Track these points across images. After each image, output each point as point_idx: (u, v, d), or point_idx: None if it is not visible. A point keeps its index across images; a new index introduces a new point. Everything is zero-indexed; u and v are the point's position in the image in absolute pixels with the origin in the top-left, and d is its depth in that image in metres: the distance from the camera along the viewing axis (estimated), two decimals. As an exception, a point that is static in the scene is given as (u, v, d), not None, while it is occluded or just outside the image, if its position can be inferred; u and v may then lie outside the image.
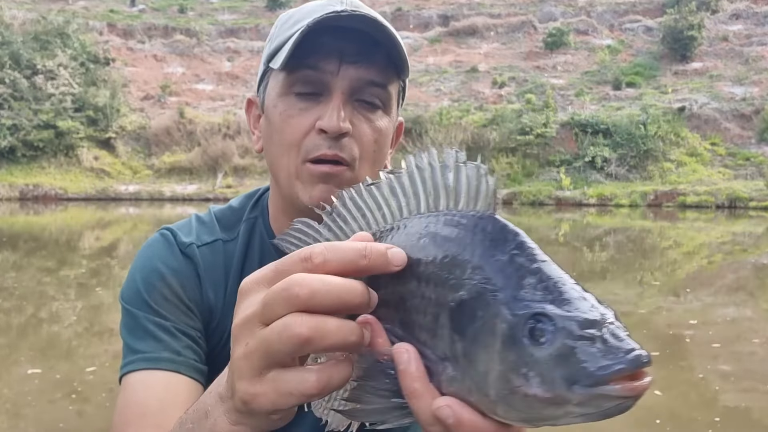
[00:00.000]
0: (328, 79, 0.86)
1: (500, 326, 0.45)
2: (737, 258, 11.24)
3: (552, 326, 0.44)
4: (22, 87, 27.14)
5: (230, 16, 41.48)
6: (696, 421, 3.62)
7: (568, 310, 0.45)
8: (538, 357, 0.44)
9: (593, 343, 0.43)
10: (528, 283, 0.47)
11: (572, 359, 0.43)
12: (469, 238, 0.50)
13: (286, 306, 0.44)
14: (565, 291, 0.46)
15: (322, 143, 0.86)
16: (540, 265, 0.48)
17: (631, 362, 0.43)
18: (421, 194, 0.56)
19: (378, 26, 0.84)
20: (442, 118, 28.36)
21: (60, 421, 3.55)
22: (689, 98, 29.80)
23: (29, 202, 23.99)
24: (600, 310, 0.45)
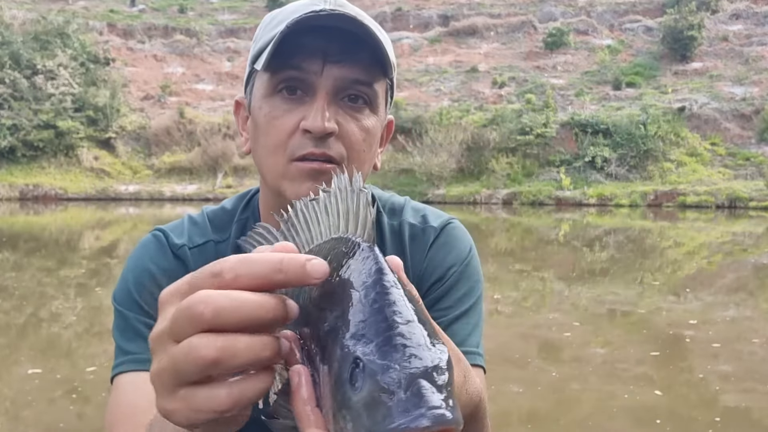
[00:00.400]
0: (312, 79, 0.85)
1: (334, 364, 0.45)
2: (737, 258, 11.25)
3: (362, 373, 0.42)
4: (22, 87, 27.16)
5: (230, 16, 41.49)
6: (696, 421, 3.62)
7: (381, 358, 0.42)
8: (353, 402, 0.42)
9: (392, 397, 0.41)
10: (364, 323, 0.45)
11: (372, 410, 0.41)
12: (345, 267, 0.51)
13: (192, 325, 0.42)
14: (390, 336, 0.43)
15: (308, 143, 0.85)
16: (383, 304, 0.46)
17: (428, 419, 0.39)
18: (340, 218, 0.57)
19: (360, 25, 0.82)
20: (442, 118, 28.36)
21: (60, 420, 3.55)
22: (689, 98, 29.81)
23: (29, 202, 24.00)
24: (421, 359, 0.42)
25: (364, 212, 0.54)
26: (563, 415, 3.65)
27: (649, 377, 4.36)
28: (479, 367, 0.93)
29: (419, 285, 0.99)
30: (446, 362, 0.43)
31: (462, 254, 1.02)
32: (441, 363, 0.43)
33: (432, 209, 1.08)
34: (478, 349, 0.94)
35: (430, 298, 0.97)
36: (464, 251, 1.02)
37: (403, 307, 0.46)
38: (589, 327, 5.89)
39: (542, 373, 4.41)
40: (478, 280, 1.02)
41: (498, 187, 25.91)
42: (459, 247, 1.02)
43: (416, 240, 1.01)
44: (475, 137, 27.41)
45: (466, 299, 0.98)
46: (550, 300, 7.29)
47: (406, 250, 1.00)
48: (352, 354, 0.43)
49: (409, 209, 1.05)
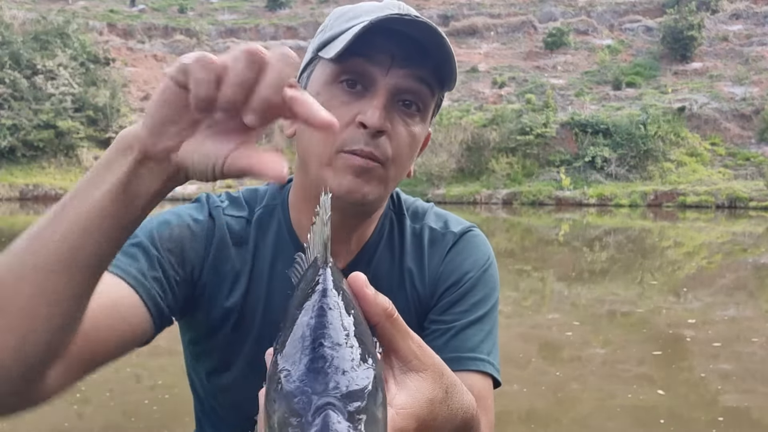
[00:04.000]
0: (375, 76, 0.87)
1: (266, 386, 0.45)
2: (737, 258, 11.25)
3: (279, 393, 0.42)
4: (22, 87, 27.16)
5: (230, 16, 41.50)
6: (699, 421, 3.62)
7: (295, 380, 0.42)
8: (271, 421, 0.42)
9: (299, 420, 0.40)
10: (292, 344, 0.45)
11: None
12: (302, 287, 0.52)
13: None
14: (310, 359, 0.43)
15: (360, 138, 0.87)
16: (316, 325, 0.46)
17: None
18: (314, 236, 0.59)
19: (433, 35, 0.85)
20: (442, 118, 28.37)
21: (65, 420, 3.55)
22: (689, 98, 29.82)
23: (29, 202, 24.01)
24: (334, 385, 0.41)
25: (320, 230, 0.55)
26: (564, 414, 3.65)
27: (650, 377, 4.36)
28: (487, 375, 0.92)
29: (434, 288, 1.00)
30: (365, 387, 0.42)
31: (480, 262, 1.03)
32: (357, 388, 0.42)
33: (455, 216, 1.09)
34: (489, 357, 0.94)
35: (444, 302, 0.98)
36: (482, 259, 1.04)
37: (335, 330, 0.45)
38: (589, 327, 5.89)
39: (542, 373, 4.41)
40: (495, 289, 1.03)
41: (498, 187, 25.92)
42: (477, 254, 1.04)
43: (435, 244, 1.03)
44: (475, 137, 27.42)
45: (480, 306, 0.99)
46: (550, 300, 7.29)
47: (425, 253, 1.02)
48: (276, 374, 0.43)
49: (432, 214, 1.07)
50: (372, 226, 1.02)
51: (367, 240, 1.02)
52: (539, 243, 13.42)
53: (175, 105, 0.55)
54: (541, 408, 3.72)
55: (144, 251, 0.89)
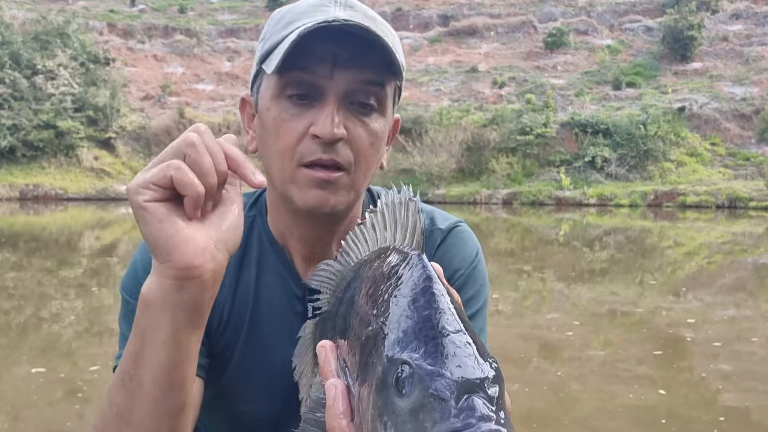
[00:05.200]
0: (321, 83, 0.85)
1: (377, 368, 0.44)
2: (737, 258, 11.24)
3: (411, 378, 0.41)
4: (22, 87, 27.15)
5: (230, 16, 41.49)
6: (700, 421, 3.62)
7: (431, 364, 0.41)
8: (397, 408, 0.41)
9: (443, 404, 0.39)
10: (412, 329, 0.44)
11: (419, 417, 0.40)
12: (391, 275, 0.51)
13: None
14: (442, 344, 0.43)
15: (317, 148, 0.85)
16: (432, 313, 0.45)
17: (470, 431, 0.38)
18: (387, 230, 0.60)
19: (368, 32, 0.82)
20: (442, 118, 28.36)
21: (67, 420, 3.55)
22: (689, 98, 29.81)
23: (29, 202, 23.99)
24: (472, 369, 0.41)
25: (413, 221, 0.55)
26: (564, 414, 3.64)
27: (651, 377, 4.36)
28: None
29: None
30: (498, 373, 0.42)
31: (469, 258, 1.02)
32: (493, 375, 0.41)
33: (440, 211, 1.08)
34: None
35: None
36: (471, 255, 1.02)
37: (453, 316, 0.45)
38: (589, 327, 5.89)
39: (543, 372, 4.41)
40: (484, 285, 1.02)
41: (498, 187, 25.91)
42: (466, 250, 1.02)
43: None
44: (475, 137, 27.41)
45: (471, 303, 0.98)
46: (550, 300, 7.28)
47: None
48: (399, 358, 0.42)
49: None
50: (352, 226, 1.01)
51: None
52: (539, 243, 13.41)
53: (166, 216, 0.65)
54: (542, 408, 3.72)
55: None
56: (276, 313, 0.98)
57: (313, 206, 0.87)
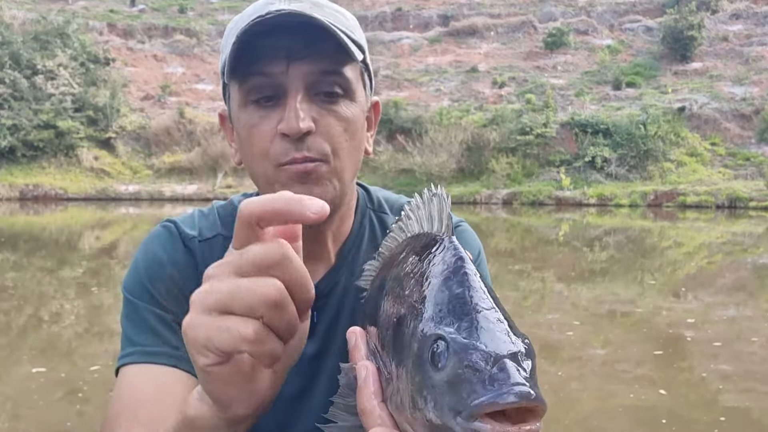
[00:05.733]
0: (280, 81, 0.84)
1: (414, 345, 0.45)
2: (737, 258, 11.24)
3: (447, 351, 0.42)
4: (22, 87, 27.14)
5: (230, 16, 41.45)
6: (701, 421, 3.62)
7: (466, 337, 0.43)
8: (435, 381, 0.42)
9: (479, 374, 0.41)
10: (446, 307, 0.46)
11: (457, 388, 0.41)
12: (423, 258, 0.52)
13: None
14: (476, 319, 0.44)
15: (289, 147, 0.84)
16: (465, 290, 0.47)
17: (514, 396, 0.39)
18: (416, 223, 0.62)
19: (315, 20, 0.80)
20: (442, 118, 28.35)
21: (67, 420, 3.55)
22: (689, 98, 29.81)
23: (29, 202, 23.99)
24: (505, 342, 0.43)
25: (439, 209, 0.57)
26: (564, 414, 3.64)
27: (651, 377, 4.36)
28: None
29: None
30: (530, 348, 0.44)
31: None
32: (526, 349, 0.43)
33: None
34: None
35: None
36: (473, 254, 1.02)
37: (485, 294, 0.47)
38: (589, 327, 5.89)
39: (543, 372, 4.40)
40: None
41: (498, 187, 25.90)
42: (468, 249, 1.02)
43: None
44: (475, 137, 27.40)
45: None
46: (550, 300, 7.29)
47: None
48: (434, 333, 0.44)
49: None
50: (346, 222, 1.00)
51: (345, 238, 1.00)
52: (539, 243, 13.41)
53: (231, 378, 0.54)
54: (542, 408, 3.71)
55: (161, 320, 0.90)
56: None
57: None
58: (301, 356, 1.00)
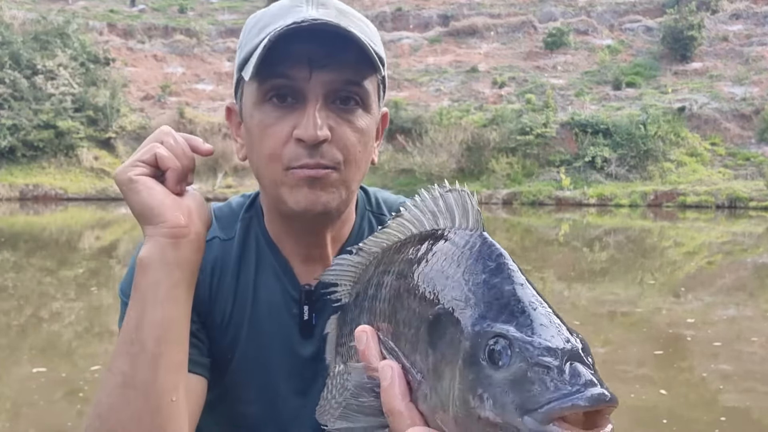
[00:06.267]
0: (300, 86, 0.84)
1: (464, 343, 0.44)
2: (737, 258, 11.24)
3: (510, 349, 0.42)
4: (22, 87, 27.12)
5: (230, 16, 41.47)
6: (701, 421, 3.62)
7: (529, 335, 0.42)
8: (494, 379, 0.42)
9: (549, 373, 0.40)
10: (498, 303, 0.45)
11: (525, 386, 0.40)
12: (456, 254, 0.52)
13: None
14: (533, 316, 0.44)
15: (302, 152, 0.85)
16: (515, 287, 0.47)
17: (589, 399, 0.39)
18: (423, 218, 0.61)
19: (341, 29, 0.81)
20: (442, 118, 28.34)
21: (68, 419, 3.55)
22: (689, 98, 29.79)
23: (29, 202, 23.98)
24: (567, 339, 0.43)
25: (463, 204, 0.57)
26: (564, 415, 3.64)
27: (651, 377, 4.36)
28: None
29: None
30: (586, 347, 0.44)
31: None
32: (586, 345, 0.43)
33: None
34: None
35: None
36: None
37: (533, 290, 0.47)
38: (589, 327, 5.89)
39: (543, 373, 4.40)
40: None
41: (498, 187, 25.89)
42: None
43: None
44: (475, 137, 27.39)
45: None
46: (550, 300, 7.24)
47: None
48: (492, 331, 0.43)
49: None
50: (346, 225, 1.01)
51: (344, 242, 1.01)
52: (539, 243, 13.40)
53: (156, 184, 0.80)
54: (542, 408, 3.71)
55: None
56: (273, 314, 0.98)
57: (305, 207, 0.87)
58: (300, 357, 1.01)
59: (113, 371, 0.77)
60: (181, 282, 0.79)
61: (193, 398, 0.86)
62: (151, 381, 0.76)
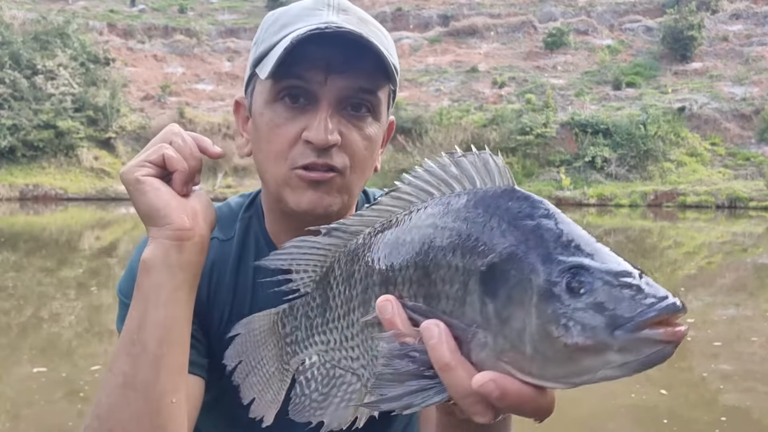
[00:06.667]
0: (315, 89, 0.85)
1: (536, 282, 0.48)
2: (737, 258, 11.24)
3: (590, 277, 0.47)
4: (22, 87, 27.11)
5: (230, 16, 41.47)
6: (702, 421, 3.62)
7: (602, 263, 0.48)
8: (577, 306, 0.46)
9: (631, 290, 0.46)
10: (561, 242, 0.50)
11: (612, 305, 0.46)
12: (495, 207, 0.54)
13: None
14: (595, 248, 0.50)
15: (310, 153, 0.85)
16: (569, 227, 0.52)
17: (669, 307, 0.45)
18: (429, 188, 0.61)
19: (363, 38, 0.82)
20: (442, 118, 28.34)
21: (68, 419, 3.55)
22: (689, 98, 29.79)
23: (29, 202, 23.98)
24: (631, 264, 0.49)
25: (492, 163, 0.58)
26: (565, 414, 3.64)
27: (651, 377, 4.35)
28: None
29: None
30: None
31: None
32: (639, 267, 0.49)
33: None
34: None
35: None
36: None
37: (582, 229, 0.52)
38: (589, 327, 5.88)
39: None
40: None
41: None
42: None
43: None
44: (475, 137, 27.37)
45: None
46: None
47: None
48: (568, 264, 0.48)
49: None
50: None
51: None
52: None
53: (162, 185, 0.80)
54: (542, 408, 3.71)
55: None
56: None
57: (306, 208, 0.87)
58: None
59: (114, 371, 0.77)
60: (183, 284, 0.79)
61: (190, 399, 0.86)
62: (152, 382, 0.76)
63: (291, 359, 0.76)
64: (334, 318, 0.69)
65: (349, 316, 0.66)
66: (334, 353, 0.68)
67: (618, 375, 0.47)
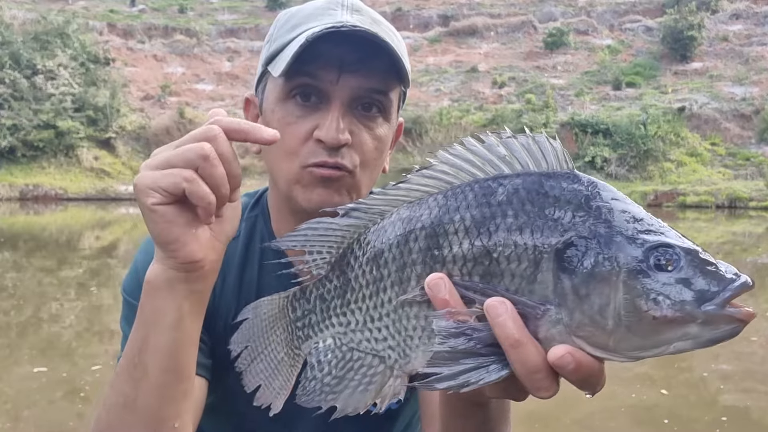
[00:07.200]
0: (327, 88, 0.85)
1: (623, 259, 0.50)
2: (737, 258, 11.24)
3: (675, 254, 0.50)
4: (22, 87, 27.12)
5: (230, 16, 41.48)
6: (702, 421, 3.62)
7: (683, 242, 0.51)
8: (667, 281, 0.49)
9: (712, 266, 0.50)
10: (639, 223, 0.52)
11: (698, 282, 0.49)
12: (561, 189, 0.55)
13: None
14: (665, 228, 0.52)
15: (321, 152, 0.85)
16: (638, 208, 0.54)
17: (746, 283, 0.49)
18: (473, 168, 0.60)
19: (378, 39, 0.82)
20: (442, 118, 28.36)
21: (68, 419, 3.55)
22: (689, 98, 29.81)
23: (29, 202, 23.98)
24: (700, 245, 0.52)
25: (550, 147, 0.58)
26: (565, 414, 3.64)
27: (651, 377, 4.35)
28: None
29: None
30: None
31: None
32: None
33: None
34: None
35: None
36: None
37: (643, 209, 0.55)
38: (589, 327, 5.88)
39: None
40: None
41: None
42: None
43: None
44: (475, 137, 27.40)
45: None
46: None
47: None
48: (656, 243, 0.50)
49: None
50: None
51: None
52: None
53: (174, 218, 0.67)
54: (543, 408, 3.71)
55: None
56: None
57: (316, 206, 0.87)
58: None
59: (115, 389, 0.74)
60: (189, 313, 0.72)
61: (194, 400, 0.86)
62: (153, 408, 0.73)
63: (303, 344, 0.72)
64: (357, 299, 0.66)
65: (378, 296, 0.63)
66: (354, 335, 0.66)
67: (689, 348, 0.50)
